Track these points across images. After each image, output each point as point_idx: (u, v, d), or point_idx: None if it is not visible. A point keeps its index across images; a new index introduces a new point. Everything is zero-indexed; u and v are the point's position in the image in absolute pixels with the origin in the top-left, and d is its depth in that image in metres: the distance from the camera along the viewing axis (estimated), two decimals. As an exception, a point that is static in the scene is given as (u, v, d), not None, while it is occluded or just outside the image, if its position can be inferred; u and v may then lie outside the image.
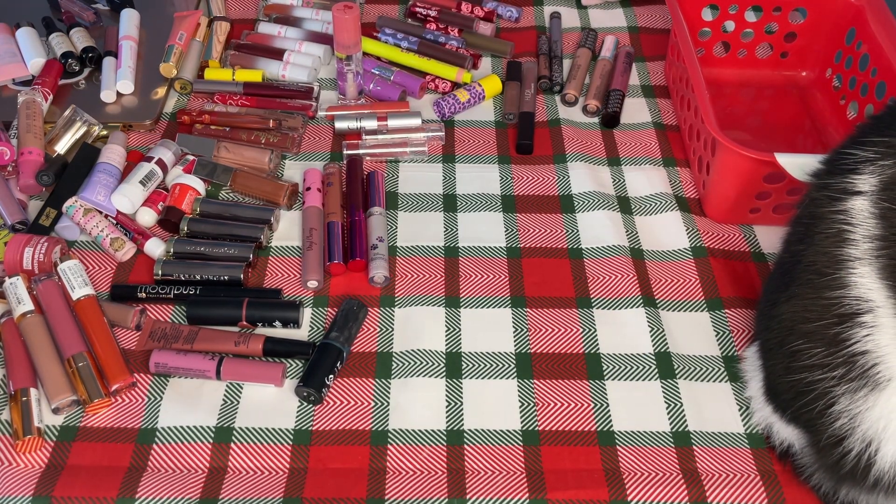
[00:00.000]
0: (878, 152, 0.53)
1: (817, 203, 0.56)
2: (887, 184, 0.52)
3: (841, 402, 0.53)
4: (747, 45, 0.95)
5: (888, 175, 0.52)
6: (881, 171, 0.53)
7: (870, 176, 0.53)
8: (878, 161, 0.53)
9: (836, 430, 0.54)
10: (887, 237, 0.51)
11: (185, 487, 0.59)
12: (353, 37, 0.86)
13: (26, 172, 0.79)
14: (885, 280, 0.51)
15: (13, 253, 0.71)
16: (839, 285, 0.53)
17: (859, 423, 0.52)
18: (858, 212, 0.53)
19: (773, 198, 0.75)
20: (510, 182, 0.84)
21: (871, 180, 0.53)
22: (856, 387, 0.52)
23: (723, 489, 0.60)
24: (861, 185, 0.53)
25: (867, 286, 0.52)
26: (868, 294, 0.51)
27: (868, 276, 0.52)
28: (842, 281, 0.52)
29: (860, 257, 0.52)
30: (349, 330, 0.68)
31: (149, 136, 0.88)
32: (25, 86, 0.90)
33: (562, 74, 0.96)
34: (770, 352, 0.59)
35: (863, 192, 0.53)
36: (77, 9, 1.00)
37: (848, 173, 0.54)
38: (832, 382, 0.53)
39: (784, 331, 0.56)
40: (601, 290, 0.73)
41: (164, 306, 0.72)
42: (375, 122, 0.88)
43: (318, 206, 0.79)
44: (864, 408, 0.52)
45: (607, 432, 0.63)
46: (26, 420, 0.61)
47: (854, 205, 0.53)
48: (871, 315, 0.51)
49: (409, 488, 0.60)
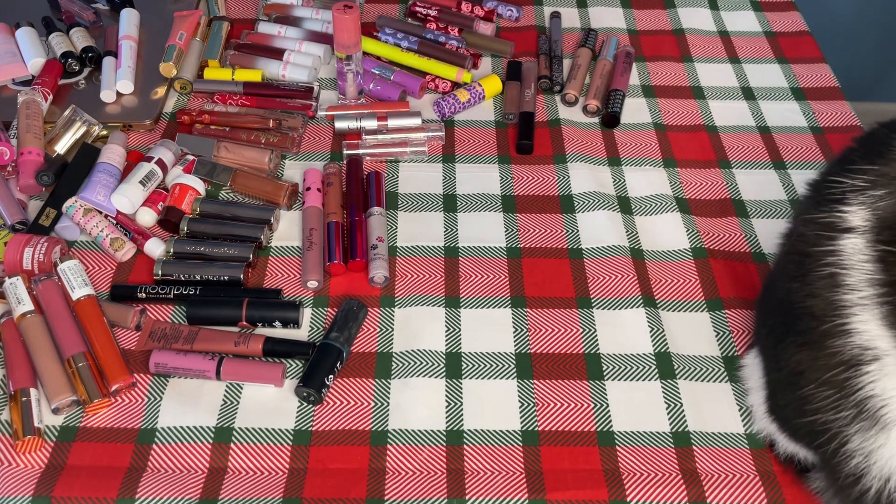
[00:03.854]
0: (867, 181, 0.51)
1: (806, 240, 0.53)
2: (882, 222, 0.49)
3: (854, 440, 0.52)
4: None
5: (881, 209, 0.50)
6: (872, 203, 0.50)
7: (860, 208, 0.51)
8: (867, 190, 0.51)
9: (853, 469, 0.52)
10: (891, 282, 0.48)
11: (184, 487, 0.59)
12: (353, 36, 0.86)
13: (26, 172, 0.79)
14: (893, 328, 0.48)
15: (13, 253, 0.71)
16: (840, 332, 0.50)
17: (875, 461, 0.51)
18: (851, 253, 0.50)
19: None
20: (510, 182, 0.84)
21: (862, 213, 0.50)
22: (867, 426, 0.51)
23: (722, 489, 0.60)
24: (851, 219, 0.50)
25: (871, 334, 0.49)
26: (873, 342, 0.49)
27: (870, 322, 0.49)
28: (842, 328, 0.50)
29: (858, 303, 0.49)
30: (349, 330, 0.68)
31: (149, 136, 0.88)
32: (25, 86, 0.90)
33: (562, 74, 0.96)
34: (779, 390, 0.58)
35: (854, 227, 0.50)
36: (77, 9, 1.00)
37: (834, 203, 0.52)
38: (844, 422, 0.52)
39: (793, 374, 0.55)
40: (601, 291, 0.73)
41: (164, 306, 0.72)
42: (375, 121, 0.88)
43: (318, 206, 0.79)
44: (876, 446, 0.51)
45: (607, 432, 0.63)
46: (26, 420, 0.61)
47: (846, 244, 0.50)
48: (877, 363, 0.49)
49: (408, 488, 0.60)
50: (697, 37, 1.04)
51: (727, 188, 0.84)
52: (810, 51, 1.02)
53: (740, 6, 1.10)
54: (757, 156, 0.88)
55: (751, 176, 0.85)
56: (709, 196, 0.83)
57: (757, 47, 1.03)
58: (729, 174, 0.85)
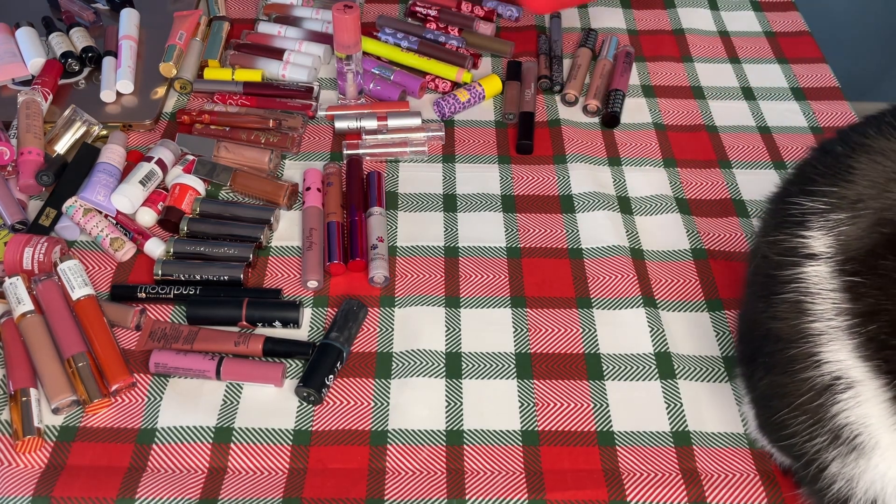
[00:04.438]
0: (827, 203, 0.49)
1: (769, 263, 0.52)
2: (845, 249, 0.48)
3: (833, 466, 0.51)
4: None
5: (844, 235, 0.48)
6: (834, 227, 0.49)
7: (820, 233, 0.49)
8: (828, 214, 0.49)
9: (837, 494, 0.51)
10: (862, 313, 0.47)
11: (184, 487, 0.59)
12: (353, 36, 0.86)
13: (26, 172, 0.79)
14: (866, 359, 0.47)
15: (13, 253, 0.71)
16: (809, 360, 0.49)
17: (858, 484, 0.50)
18: (816, 282, 0.49)
19: None
20: (510, 182, 0.84)
21: (825, 239, 0.49)
22: (845, 451, 0.49)
23: (722, 489, 0.60)
24: (814, 245, 0.49)
25: (843, 364, 0.48)
26: (846, 372, 0.48)
27: (841, 352, 0.48)
28: (811, 356, 0.49)
29: (826, 332, 0.48)
30: (349, 330, 0.68)
31: (149, 136, 0.88)
32: (25, 86, 0.90)
33: (562, 74, 0.96)
34: (759, 408, 0.57)
35: (816, 254, 0.49)
36: (77, 8, 1.00)
37: (795, 226, 0.50)
38: (821, 447, 0.50)
39: (765, 396, 0.54)
40: (601, 291, 0.73)
41: (164, 306, 0.72)
42: (375, 121, 0.88)
43: (318, 206, 0.79)
44: (858, 471, 0.50)
45: (607, 432, 0.63)
46: (26, 420, 0.61)
47: (809, 272, 0.49)
48: (851, 391, 0.48)
49: (408, 488, 0.60)
50: (697, 37, 1.04)
51: (727, 188, 0.84)
52: (810, 51, 1.02)
53: (740, 6, 1.10)
54: (757, 156, 0.88)
55: (751, 176, 0.85)
56: (709, 196, 0.83)
57: (757, 47, 1.03)
58: (729, 174, 0.85)
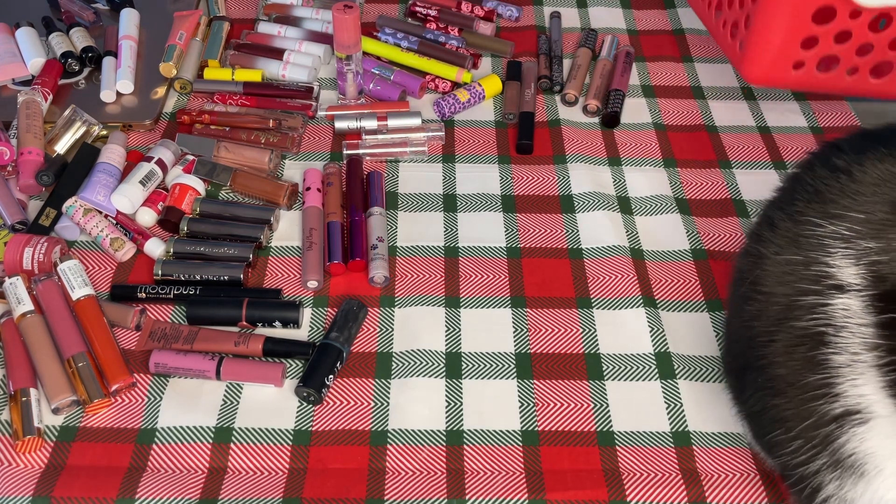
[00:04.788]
0: (853, 230, 0.46)
1: (781, 281, 0.48)
2: (880, 282, 0.44)
3: (829, 487, 0.49)
4: None
5: (876, 266, 0.44)
6: (864, 257, 0.45)
7: (847, 261, 0.45)
8: (854, 241, 0.46)
9: None
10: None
11: (184, 487, 0.59)
12: (353, 36, 0.86)
13: (26, 172, 0.79)
14: None
15: (13, 253, 0.71)
16: (820, 389, 0.46)
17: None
18: (845, 316, 0.45)
19: (820, 46, 0.72)
20: (510, 182, 0.84)
21: (854, 269, 0.45)
22: (842, 475, 0.48)
23: (722, 489, 0.60)
24: (841, 276, 0.45)
25: (867, 398, 0.45)
26: (868, 407, 0.45)
27: (866, 387, 0.45)
28: (824, 385, 0.46)
29: (849, 364, 0.45)
30: (349, 330, 0.68)
31: (149, 136, 0.88)
32: (25, 86, 0.90)
33: (562, 74, 0.96)
34: (751, 422, 0.55)
35: (846, 286, 0.45)
36: (77, 8, 1.00)
37: (814, 251, 0.47)
38: (819, 469, 0.49)
39: (757, 414, 0.52)
40: (601, 291, 0.73)
41: (164, 306, 0.72)
42: (375, 121, 0.88)
43: (318, 206, 0.79)
44: (857, 495, 0.48)
45: (607, 432, 0.63)
46: (26, 420, 0.61)
47: (836, 304, 0.46)
48: (868, 425, 0.46)
49: (408, 488, 0.60)
50: (697, 37, 1.04)
51: (727, 188, 0.84)
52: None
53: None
54: (757, 156, 0.88)
55: (751, 176, 0.85)
56: (709, 196, 0.83)
57: (757, 47, 1.03)
58: (729, 174, 0.85)
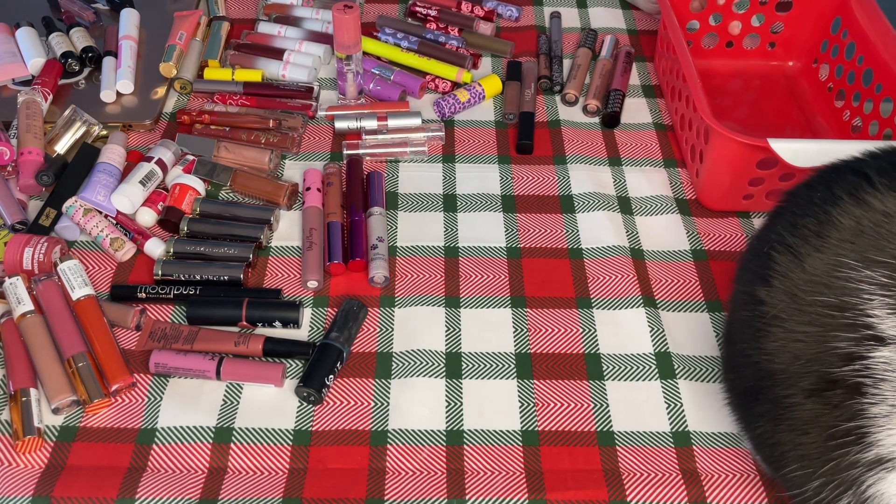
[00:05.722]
0: (887, 275, 0.44)
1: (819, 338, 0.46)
2: None
3: None
4: (735, 38, 0.97)
5: None
6: None
7: (886, 311, 0.44)
8: (894, 288, 0.44)
9: None
10: None
11: (184, 488, 0.59)
12: (353, 36, 0.86)
13: (26, 172, 0.79)
14: None
15: (13, 253, 0.71)
16: (851, 436, 0.45)
17: None
18: (884, 368, 0.44)
19: (766, 184, 0.76)
20: (510, 182, 0.84)
21: (894, 320, 0.44)
22: None
23: (722, 489, 0.60)
24: (882, 328, 0.44)
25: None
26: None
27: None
28: (853, 431, 0.45)
29: (886, 415, 0.44)
30: (349, 330, 0.68)
31: (149, 136, 0.88)
32: (25, 86, 0.90)
33: (562, 74, 0.96)
34: (757, 448, 0.55)
35: (886, 339, 0.44)
36: (77, 8, 1.00)
37: (851, 295, 0.45)
38: (828, 498, 0.48)
39: (768, 445, 0.52)
40: (601, 291, 0.73)
41: (164, 306, 0.72)
42: (375, 121, 0.88)
43: (318, 206, 0.79)
44: None
45: (607, 432, 0.63)
46: (26, 420, 0.61)
47: (877, 356, 0.44)
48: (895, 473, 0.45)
49: (408, 488, 0.60)
50: (697, 37, 1.04)
51: (727, 188, 0.84)
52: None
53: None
54: (757, 156, 0.87)
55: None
56: (709, 196, 0.83)
57: (757, 47, 1.03)
58: (729, 174, 0.85)
